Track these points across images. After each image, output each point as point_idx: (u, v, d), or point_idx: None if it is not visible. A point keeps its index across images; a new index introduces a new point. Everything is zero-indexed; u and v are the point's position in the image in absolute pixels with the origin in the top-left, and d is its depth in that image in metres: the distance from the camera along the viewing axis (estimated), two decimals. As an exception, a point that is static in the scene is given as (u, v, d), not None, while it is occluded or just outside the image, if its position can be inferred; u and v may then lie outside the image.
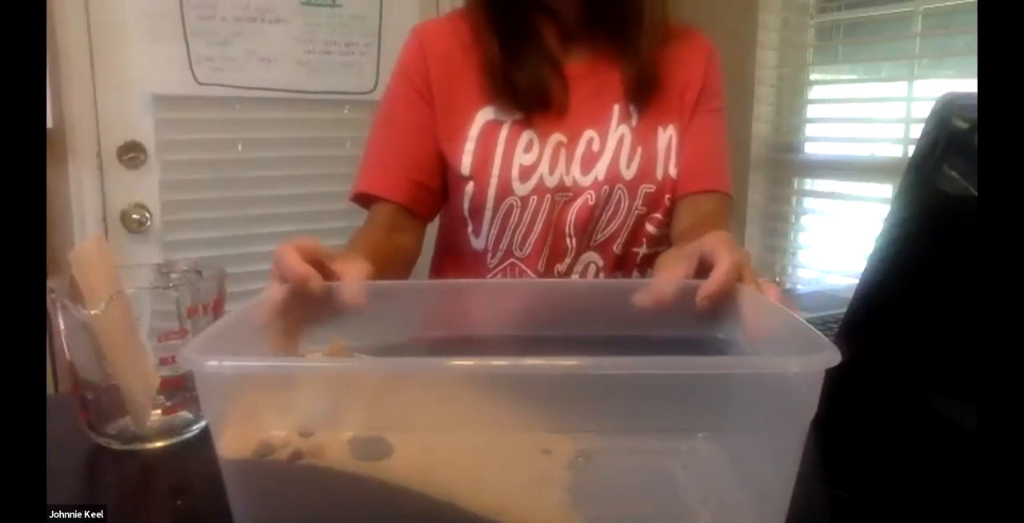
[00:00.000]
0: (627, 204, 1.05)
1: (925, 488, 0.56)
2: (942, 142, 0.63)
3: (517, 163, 1.02)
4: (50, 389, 1.28)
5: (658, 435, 0.51)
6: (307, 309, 0.60)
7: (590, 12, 1.04)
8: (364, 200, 1.08)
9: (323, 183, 2.01)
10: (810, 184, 2.21)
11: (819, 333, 0.48)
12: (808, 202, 2.22)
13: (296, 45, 1.91)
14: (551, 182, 1.02)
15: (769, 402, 0.46)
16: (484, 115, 1.04)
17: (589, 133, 1.05)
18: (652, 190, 1.05)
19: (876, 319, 0.66)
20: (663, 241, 1.09)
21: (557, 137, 1.04)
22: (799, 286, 2.16)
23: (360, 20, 1.98)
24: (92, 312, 0.60)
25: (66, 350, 0.63)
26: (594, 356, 0.43)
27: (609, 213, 1.05)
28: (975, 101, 0.52)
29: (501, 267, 1.08)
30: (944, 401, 0.61)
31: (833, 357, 0.43)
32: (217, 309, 0.67)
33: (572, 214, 1.04)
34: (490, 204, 1.03)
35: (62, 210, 1.74)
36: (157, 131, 1.81)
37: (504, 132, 1.03)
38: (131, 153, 1.79)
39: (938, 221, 0.61)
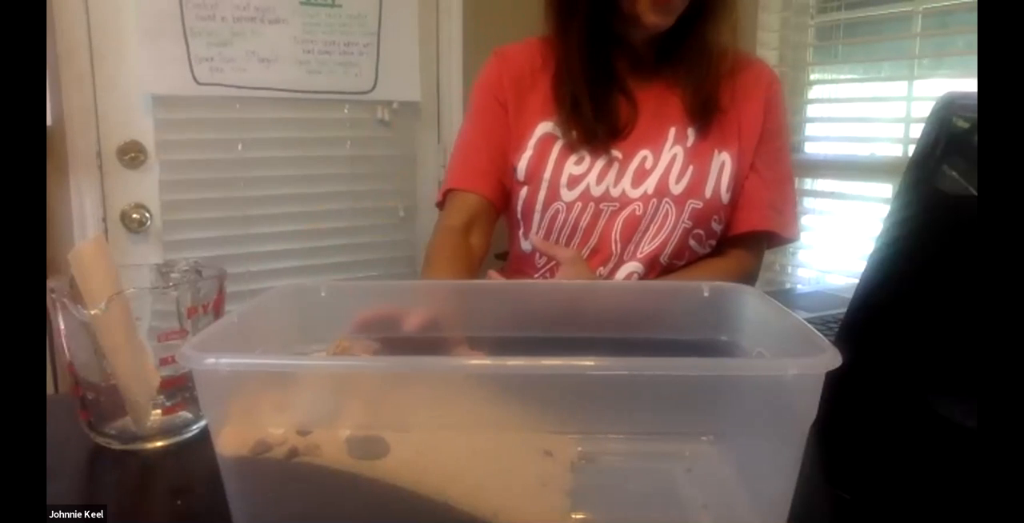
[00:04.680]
0: (674, 218, 1.09)
1: (925, 488, 0.56)
2: (942, 142, 0.63)
3: (567, 172, 1.09)
4: (50, 389, 1.28)
5: (662, 438, 0.51)
6: None
7: (662, 45, 1.11)
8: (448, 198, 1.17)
9: (323, 183, 2.01)
10: (810, 184, 2.21)
11: (820, 335, 0.48)
12: (808, 202, 2.22)
13: (295, 45, 1.91)
14: (597, 192, 1.09)
15: (770, 405, 0.46)
16: (543, 127, 1.12)
17: (643, 152, 1.10)
18: (699, 207, 1.09)
19: (876, 319, 0.66)
20: (702, 259, 1.15)
21: (611, 154, 1.10)
22: (799, 286, 2.15)
23: (359, 20, 1.98)
24: (92, 312, 0.60)
25: (66, 350, 0.63)
26: (597, 357, 0.43)
27: (656, 225, 1.09)
28: (975, 101, 0.52)
29: (548, 267, 1.14)
30: (944, 401, 0.61)
31: (833, 360, 0.43)
32: (217, 309, 0.67)
33: (619, 223, 1.09)
34: (539, 207, 1.11)
35: (62, 210, 1.74)
36: (157, 131, 1.81)
37: (559, 144, 1.11)
38: (131, 153, 1.79)
39: (938, 221, 0.61)
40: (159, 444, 0.65)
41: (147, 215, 1.83)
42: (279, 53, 1.89)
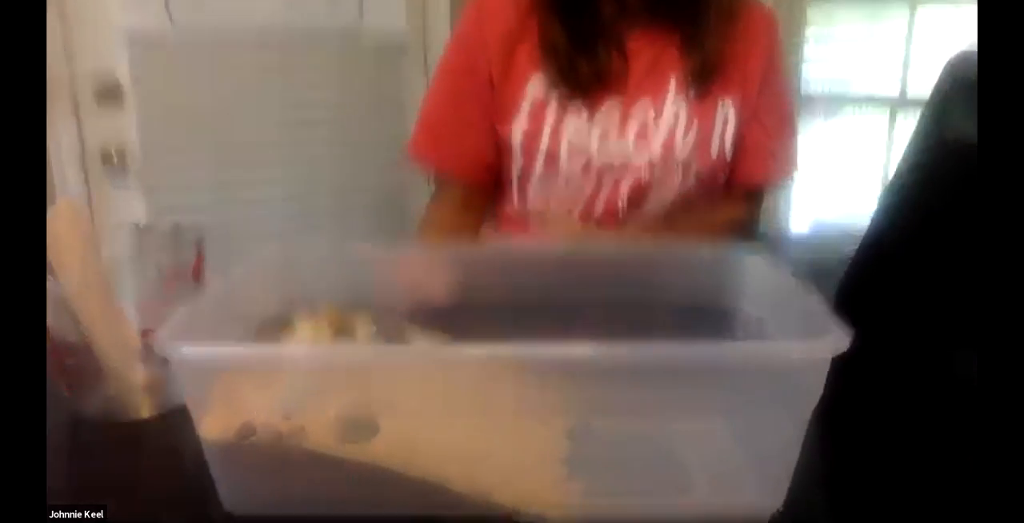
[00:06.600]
0: (680, 181, 1.05)
1: (926, 486, 0.55)
2: (953, 96, 0.63)
3: (566, 140, 1.02)
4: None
5: (666, 415, 0.50)
6: None
7: None
8: (430, 169, 1.13)
9: (305, 127, 1.98)
10: (805, 124, 2.18)
11: (826, 308, 0.46)
12: (803, 143, 2.19)
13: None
14: (599, 159, 1.03)
15: (775, 385, 0.45)
16: (534, 85, 1.03)
17: (643, 102, 1.03)
18: (706, 169, 1.05)
19: (881, 269, 0.68)
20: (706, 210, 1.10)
21: (609, 108, 1.02)
22: (792, 230, 2.14)
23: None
24: (64, 284, 0.57)
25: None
26: (598, 330, 0.42)
27: (662, 190, 1.05)
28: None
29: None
30: (959, 356, 0.60)
31: (839, 342, 0.42)
32: (196, 273, 0.65)
33: (624, 189, 1.04)
34: (537, 175, 1.05)
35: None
36: (132, 69, 1.75)
37: (553, 105, 1.02)
38: (108, 92, 1.74)
39: (946, 171, 0.63)
40: (145, 414, 0.64)
41: (126, 156, 1.79)
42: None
